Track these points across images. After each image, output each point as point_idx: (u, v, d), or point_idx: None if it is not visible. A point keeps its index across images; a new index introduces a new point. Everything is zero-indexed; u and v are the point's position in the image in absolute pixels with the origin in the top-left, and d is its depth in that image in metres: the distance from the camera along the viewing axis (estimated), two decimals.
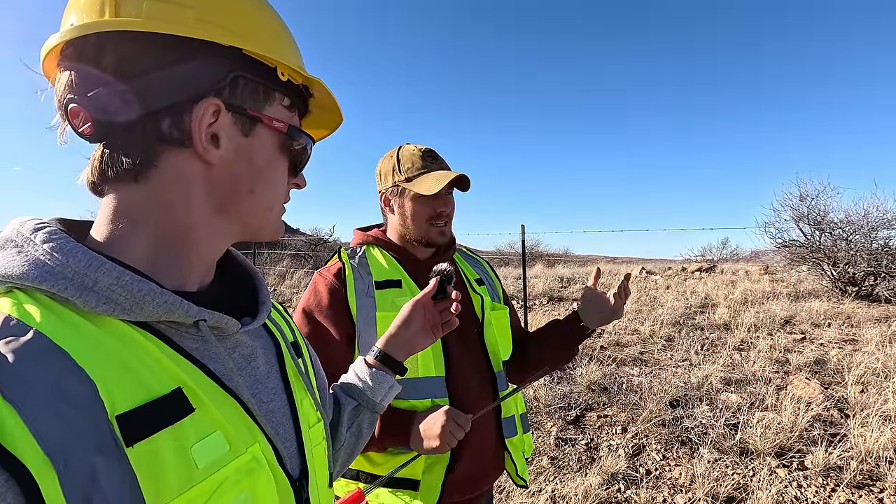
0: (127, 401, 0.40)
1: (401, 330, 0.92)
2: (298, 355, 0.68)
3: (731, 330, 6.10)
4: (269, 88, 0.54)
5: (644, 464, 3.13)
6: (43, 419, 0.35)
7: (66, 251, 0.44)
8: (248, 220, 0.56)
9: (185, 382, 0.45)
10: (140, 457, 0.39)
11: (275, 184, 0.57)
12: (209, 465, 0.44)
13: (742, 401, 3.83)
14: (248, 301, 0.62)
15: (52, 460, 0.35)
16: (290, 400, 0.61)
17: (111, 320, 0.44)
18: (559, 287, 9.98)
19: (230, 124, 0.51)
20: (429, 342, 0.96)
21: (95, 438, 0.37)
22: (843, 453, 3.00)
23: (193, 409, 0.45)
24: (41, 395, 0.36)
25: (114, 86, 0.47)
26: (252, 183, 0.54)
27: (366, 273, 1.26)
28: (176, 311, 0.47)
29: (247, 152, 0.53)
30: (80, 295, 0.43)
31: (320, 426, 0.65)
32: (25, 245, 0.44)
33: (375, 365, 0.89)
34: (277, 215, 0.59)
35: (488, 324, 1.33)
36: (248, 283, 0.64)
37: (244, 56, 0.51)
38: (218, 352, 0.50)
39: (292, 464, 0.56)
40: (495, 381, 1.31)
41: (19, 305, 0.41)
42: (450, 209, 1.31)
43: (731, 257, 18.55)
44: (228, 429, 0.47)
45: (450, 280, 0.98)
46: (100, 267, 0.44)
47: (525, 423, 1.41)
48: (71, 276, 0.43)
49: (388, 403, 0.89)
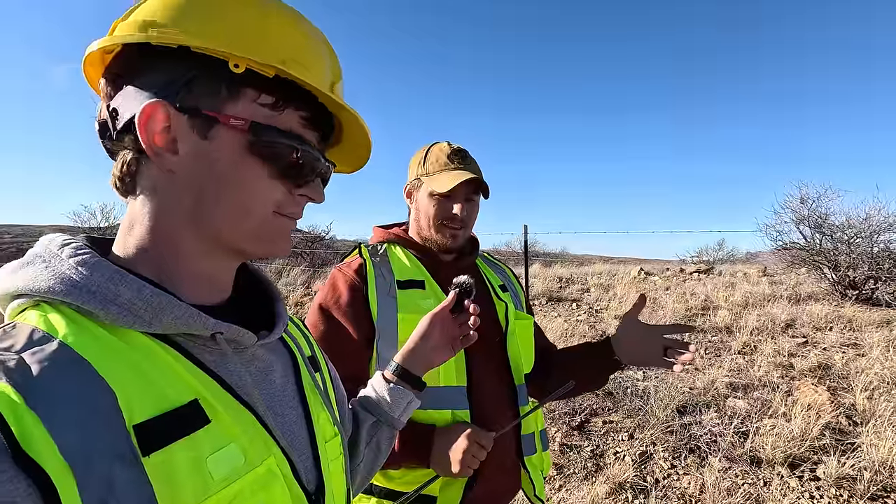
0: (145, 411, 0.41)
1: (419, 344, 0.90)
2: (316, 369, 0.68)
3: (734, 333, 6.04)
4: (235, 84, 0.49)
5: (652, 472, 3.06)
6: (64, 427, 0.36)
7: (91, 265, 0.46)
8: (219, 233, 0.52)
9: (201, 394, 0.46)
10: (156, 467, 0.40)
11: (245, 190, 0.51)
12: (224, 476, 0.44)
13: (750, 407, 3.77)
14: (265, 314, 0.62)
15: (71, 467, 0.36)
16: (307, 414, 0.61)
17: (132, 332, 0.45)
18: (558, 287, 9.90)
19: (187, 128, 0.49)
20: (447, 357, 0.93)
21: (114, 447, 0.38)
22: (856, 463, 2.93)
23: (209, 420, 0.45)
24: (63, 403, 0.37)
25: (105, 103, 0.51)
26: (216, 190, 0.50)
27: (387, 272, 1.19)
28: (193, 324, 0.48)
29: (207, 156, 0.50)
30: (102, 307, 0.44)
31: (337, 441, 0.65)
32: (52, 260, 0.46)
33: (393, 380, 0.87)
34: (257, 226, 0.53)
35: (511, 333, 1.25)
36: (265, 296, 0.64)
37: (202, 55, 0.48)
38: (234, 364, 0.51)
39: (308, 478, 0.56)
40: (516, 394, 1.23)
41: (45, 318, 0.43)
42: (465, 213, 1.22)
43: (728, 258, 18.58)
44: (244, 441, 0.47)
45: (469, 294, 0.94)
46: (121, 280, 0.45)
47: (544, 441, 1.33)
48: (94, 289, 0.44)
49: (407, 419, 0.88)
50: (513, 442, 1.21)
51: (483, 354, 1.18)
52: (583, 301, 8.56)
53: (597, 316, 7.45)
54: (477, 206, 1.27)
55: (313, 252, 14.44)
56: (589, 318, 7.23)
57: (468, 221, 1.25)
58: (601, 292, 9.10)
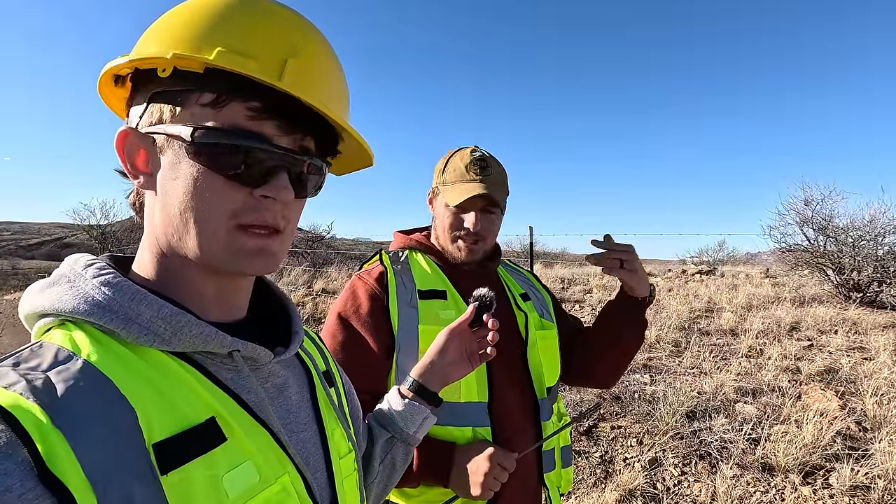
0: (164, 429, 0.41)
1: (436, 359, 0.88)
2: (331, 385, 0.68)
3: (739, 336, 6.01)
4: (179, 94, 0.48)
5: (662, 479, 3.02)
6: (88, 446, 0.37)
7: (114, 285, 0.46)
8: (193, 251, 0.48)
9: (218, 412, 0.46)
10: (173, 485, 0.40)
11: (203, 202, 0.47)
12: (239, 494, 0.44)
13: (759, 412, 3.73)
14: (280, 330, 0.61)
15: (93, 485, 0.36)
16: (321, 430, 0.60)
17: (152, 351, 0.46)
18: (560, 288, 9.87)
19: (149, 147, 0.50)
20: (465, 372, 0.90)
21: (134, 466, 0.39)
22: (870, 472, 2.90)
23: (226, 438, 0.45)
24: (87, 422, 0.38)
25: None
26: (180, 207, 0.48)
27: (409, 280, 1.15)
28: (211, 342, 0.48)
29: (171, 173, 0.49)
30: (124, 327, 0.44)
31: (351, 457, 0.64)
32: (77, 280, 0.47)
33: (409, 395, 0.85)
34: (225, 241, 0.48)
35: (532, 345, 1.20)
36: (281, 312, 0.64)
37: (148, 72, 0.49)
38: (251, 382, 0.50)
39: (322, 495, 0.56)
40: (538, 409, 1.18)
41: (69, 337, 0.44)
42: (480, 227, 1.16)
43: (729, 260, 18.56)
44: (259, 459, 0.47)
45: (489, 308, 0.90)
46: (142, 300, 0.46)
47: (566, 457, 1.28)
48: (116, 308, 0.45)
49: (423, 436, 0.86)
50: (535, 461, 1.17)
51: (504, 368, 1.14)
52: (585, 302, 8.52)
53: None
54: (497, 219, 1.21)
55: (314, 252, 14.39)
56: (592, 320, 7.20)
57: (486, 235, 1.19)
58: (604, 293, 9.06)
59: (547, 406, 1.21)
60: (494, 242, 1.27)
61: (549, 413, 1.22)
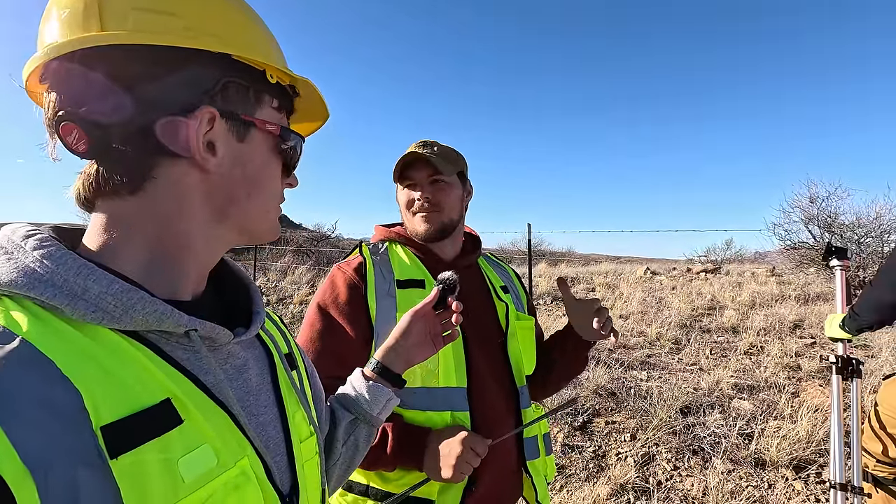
0: (113, 411, 0.39)
1: (399, 341, 0.89)
2: (293, 367, 0.67)
3: (740, 333, 5.98)
4: (259, 91, 0.54)
5: (654, 473, 3.02)
6: (24, 430, 0.35)
7: (56, 258, 0.44)
8: (246, 225, 0.56)
9: (174, 393, 0.44)
10: (124, 469, 0.38)
11: (271, 186, 0.57)
12: (196, 479, 0.43)
13: (755, 408, 3.72)
14: (241, 310, 0.61)
15: (31, 472, 0.34)
16: (282, 413, 0.60)
17: (100, 329, 0.43)
18: None
19: (225, 131, 0.51)
20: (428, 354, 0.92)
21: (78, 450, 0.37)
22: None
23: (182, 420, 0.43)
24: (23, 405, 0.35)
25: (107, 101, 0.46)
26: (249, 187, 0.54)
27: (387, 271, 1.18)
28: (166, 321, 0.46)
29: (242, 157, 0.53)
30: (69, 303, 0.42)
31: (313, 440, 0.64)
32: (15, 252, 0.44)
33: (373, 377, 0.86)
34: (274, 217, 0.59)
35: (512, 334, 1.22)
36: (241, 292, 0.63)
37: (234, 61, 0.51)
38: (209, 362, 0.49)
39: (282, 478, 0.55)
40: (518, 397, 1.21)
41: (6, 313, 0.41)
42: (427, 193, 1.19)
43: (736, 258, 18.39)
44: (217, 442, 0.46)
45: (453, 290, 0.92)
46: (90, 275, 0.43)
47: (548, 445, 1.31)
48: (60, 283, 0.43)
49: (386, 417, 0.86)
50: (514, 446, 1.19)
51: (484, 356, 1.16)
52: None
53: None
54: (449, 189, 1.22)
55: (318, 251, 14.48)
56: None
57: (438, 203, 1.20)
58: (607, 291, 9.04)
59: (526, 394, 1.23)
60: (458, 219, 1.26)
61: (529, 401, 1.25)
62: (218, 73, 0.50)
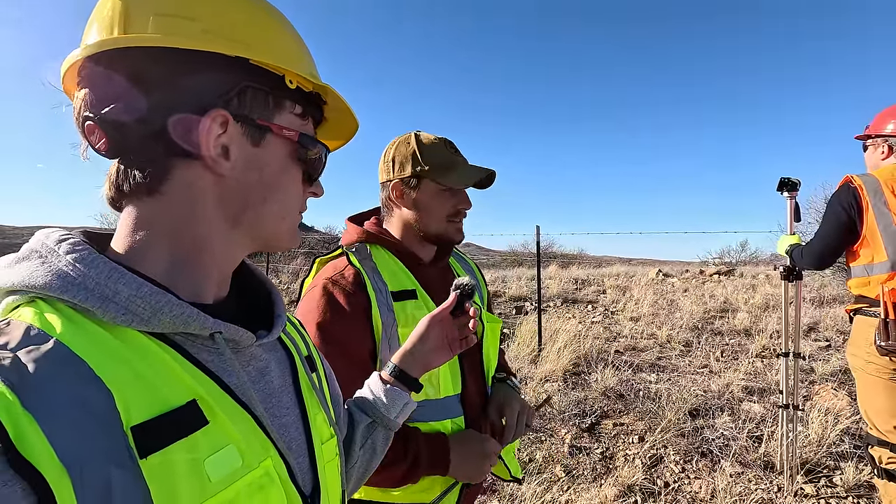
0: (142, 412, 0.40)
1: (417, 345, 0.90)
2: (313, 369, 0.67)
3: (753, 336, 5.91)
4: (279, 97, 0.54)
5: (662, 476, 3.01)
6: (60, 428, 0.36)
7: (89, 262, 0.45)
8: (260, 231, 0.56)
9: (200, 395, 0.45)
10: (153, 469, 0.39)
11: (288, 193, 0.57)
12: (222, 479, 0.43)
13: (766, 411, 3.68)
14: (263, 313, 0.62)
15: (68, 470, 0.35)
16: (304, 415, 0.60)
17: (129, 331, 0.44)
18: (573, 289, 9.83)
19: (239, 135, 0.51)
20: (446, 359, 0.92)
21: (111, 449, 0.38)
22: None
23: (208, 421, 0.44)
24: (59, 404, 0.36)
25: (124, 101, 0.47)
26: (264, 193, 0.54)
27: (381, 282, 1.10)
28: (192, 323, 0.47)
29: (257, 162, 0.53)
30: (100, 305, 0.43)
31: (333, 442, 0.65)
32: (49, 256, 0.45)
33: (390, 381, 0.86)
34: (292, 225, 0.59)
35: (486, 336, 1.25)
36: (264, 295, 0.64)
37: (252, 66, 0.51)
38: (233, 365, 0.50)
39: (304, 480, 0.56)
40: (487, 394, 1.26)
41: (41, 315, 0.42)
42: (469, 206, 1.21)
43: (751, 260, 18.14)
44: (241, 443, 0.47)
45: (470, 296, 0.93)
46: (120, 278, 0.44)
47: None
48: (92, 286, 0.43)
49: (403, 421, 0.86)
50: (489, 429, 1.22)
51: (468, 359, 1.19)
52: (598, 303, 8.48)
53: (612, 318, 7.37)
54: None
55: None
56: (604, 320, 7.16)
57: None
58: (617, 294, 8.99)
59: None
60: None
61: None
62: (235, 77, 0.50)
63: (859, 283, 2.25)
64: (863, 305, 2.23)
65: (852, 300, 2.33)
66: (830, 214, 2.29)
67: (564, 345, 5.08)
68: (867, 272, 2.19)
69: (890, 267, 2.09)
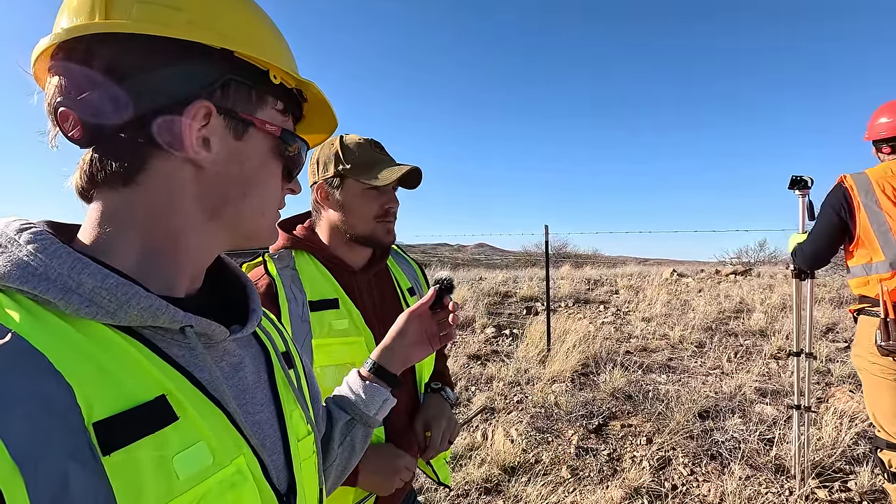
0: (106, 407, 0.39)
1: (396, 341, 0.89)
2: (290, 366, 0.66)
3: (768, 337, 5.79)
4: (262, 92, 0.53)
5: (670, 478, 2.97)
6: (14, 424, 0.34)
7: (50, 252, 0.43)
8: (239, 226, 0.55)
9: (169, 390, 0.44)
10: (117, 466, 0.38)
11: (268, 188, 0.56)
12: (191, 476, 0.42)
13: (778, 414, 3.60)
14: (238, 308, 0.60)
15: (20, 468, 0.33)
16: (279, 411, 0.59)
17: (94, 324, 0.43)
18: (585, 289, 9.74)
19: (221, 127, 0.51)
20: (425, 354, 0.92)
21: (69, 446, 0.36)
22: None
23: (177, 417, 0.43)
24: (14, 399, 0.35)
25: (103, 89, 0.46)
26: (244, 187, 0.53)
27: (299, 290, 1.07)
28: (161, 316, 0.46)
29: (238, 156, 0.52)
30: (62, 297, 0.41)
31: (310, 439, 0.63)
32: (9, 245, 0.43)
33: (369, 377, 0.86)
34: (270, 221, 0.58)
35: None
36: (238, 289, 0.62)
37: (236, 59, 0.50)
38: (204, 359, 0.48)
39: (279, 477, 0.54)
40: (419, 403, 1.23)
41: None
42: (397, 206, 1.18)
43: (769, 260, 17.77)
44: (212, 440, 0.45)
45: (450, 291, 0.93)
46: (84, 269, 0.43)
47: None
48: (54, 277, 0.42)
49: (383, 417, 0.86)
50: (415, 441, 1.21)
51: None
52: (610, 303, 8.39)
53: (624, 318, 7.28)
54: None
55: None
56: (616, 321, 7.08)
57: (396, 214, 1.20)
58: (630, 294, 8.89)
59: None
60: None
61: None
62: (219, 69, 0.50)
63: (859, 282, 2.25)
64: (866, 305, 2.21)
65: (856, 300, 2.30)
66: (821, 216, 2.33)
67: (573, 345, 5.04)
68: (866, 272, 2.18)
69: (889, 266, 2.08)
